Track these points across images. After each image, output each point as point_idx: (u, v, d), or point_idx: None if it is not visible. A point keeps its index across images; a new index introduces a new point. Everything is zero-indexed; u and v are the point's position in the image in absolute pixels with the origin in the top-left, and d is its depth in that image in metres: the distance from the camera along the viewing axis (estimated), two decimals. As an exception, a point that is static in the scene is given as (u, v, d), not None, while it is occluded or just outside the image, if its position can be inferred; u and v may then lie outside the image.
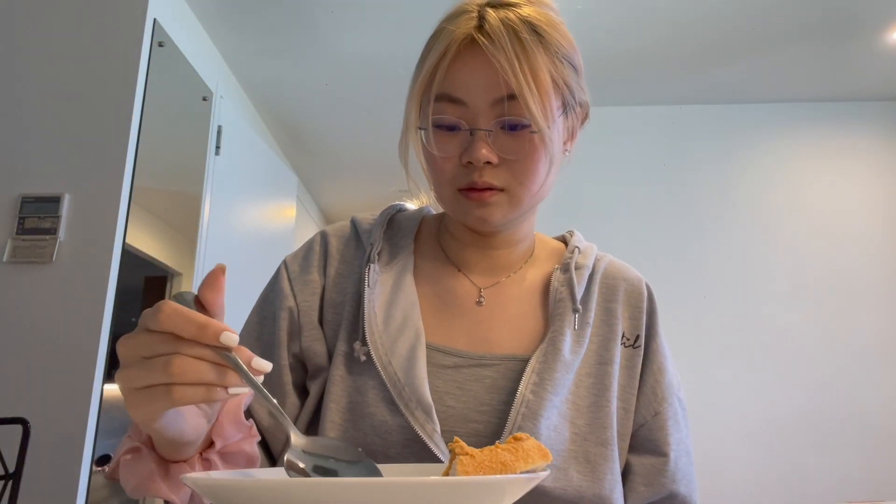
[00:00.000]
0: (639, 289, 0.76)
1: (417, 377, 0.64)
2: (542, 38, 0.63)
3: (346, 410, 0.66)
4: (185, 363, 0.42)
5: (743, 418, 2.93)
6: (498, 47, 0.61)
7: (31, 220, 1.97)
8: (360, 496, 0.36)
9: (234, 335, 0.42)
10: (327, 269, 0.74)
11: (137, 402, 0.44)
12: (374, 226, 0.76)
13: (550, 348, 0.67)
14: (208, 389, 0.43)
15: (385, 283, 0.71)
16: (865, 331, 2.99)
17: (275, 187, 3.35)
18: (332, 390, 0.67)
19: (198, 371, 0.42)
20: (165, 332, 0.42)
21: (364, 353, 0.66)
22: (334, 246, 0.76)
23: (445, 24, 0.66)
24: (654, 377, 0.73)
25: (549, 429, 0.64)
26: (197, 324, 0.42)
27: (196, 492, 0.39)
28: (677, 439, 0.72)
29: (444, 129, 0.66)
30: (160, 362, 0.42)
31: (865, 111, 3.23)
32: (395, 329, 0.67)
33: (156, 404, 0.43)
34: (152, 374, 0.42)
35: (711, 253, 3.12)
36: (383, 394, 0.64)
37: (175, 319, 0.42)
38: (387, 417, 0.63)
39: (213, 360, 0.43)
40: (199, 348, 0.42)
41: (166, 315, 0.42)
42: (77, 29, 2.13)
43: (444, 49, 0.64)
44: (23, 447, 1.56)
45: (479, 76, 0.63)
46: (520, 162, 0.64)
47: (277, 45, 2.86)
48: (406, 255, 0.74)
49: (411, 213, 0.81)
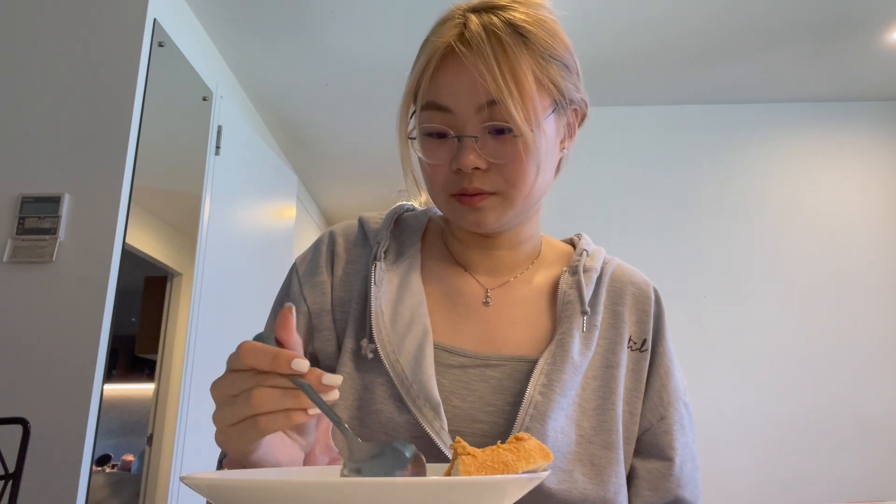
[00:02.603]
0: (646, 293, 0.76)
1: (425, 374, 0.64)
2: (526, 39, 0.63)
3: (355, 408, 0.66)
4: (264, 393, 0.45)
5: (742, 418, 2.93)
6: (476, 54, 0.62)
7: (31, 220, 1.97)
8: (361, 496, 0.36)
9: (304, 361, 0.45)
10: (335, 269, 0.75)
11: (230, 438, 0.47)
12: (381, 225, 0.77)
13: (559, 349, 0.67)
14: (287, 414, 0.46)
15: (392, 282, 0.71)
16: (865, 331, 2.99)
17: (275, 187, 3.35)
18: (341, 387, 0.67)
19: (277, 399, 0.45)
20: (246, 370, 0.46)
21: (371, 351, 0.66)
22: (341, 245, 0.76)
23: (430, 33, 0.67)
24: (661, 381, 0.73)
25: (555, 430, 0.64)
26: (270, 355, 0.45)
27: (197, 492, 0.39)
28: (683, 444, 0.72)
29: (433, 136, 0.66)
30: (243, 397, 0.46)
31: (865, 111, 3.23)
32: (402, 327, 0.67)
33: (245, 436, 0.46)
34: (238, 409, 0.46)
35: (711, 253, 3.12)
36: (391, 391, 0.65)
37: (252, 354, 0.46)
38: (394, 414, 0.64)
39: (289, 386, 0.46)
40: (275, 378, 0.46)
41: (245, 352, 0.46)
42: (77, 29, 2.13)
43: (426, 59, 0.65)
44: (23, 447, 1.56)
45: (463, 83, 0.63)
46: (508, 165, 0.64)
47: (277, 45, 2.86)
48: (413, 254, 0.74)
49: (418, 212, 0.81)
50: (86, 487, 1.83)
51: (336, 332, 0.72)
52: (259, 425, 0.45)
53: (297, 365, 0.45)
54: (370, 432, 0.64)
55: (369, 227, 0.77)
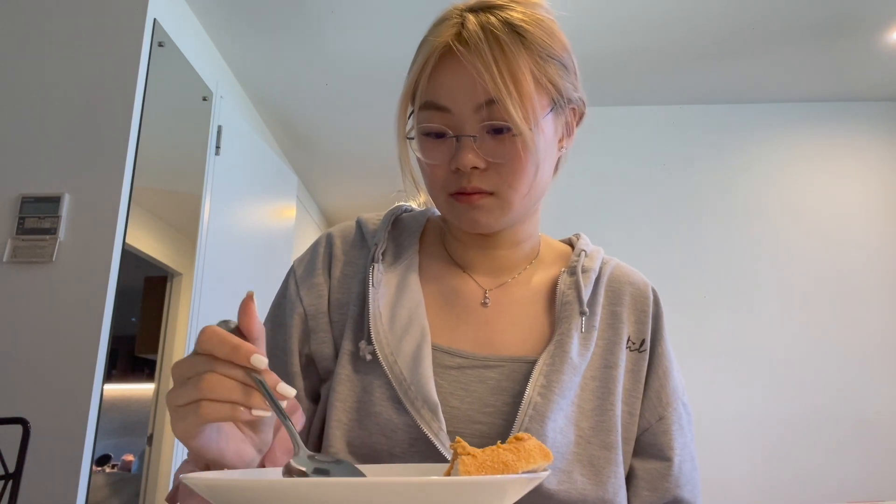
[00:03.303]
0: (644, 293, 0.76)
1: (423, 376, 0.64)
2: (523, 39, 0.63)
3: (353, 410, 0.66)
4: (215, 380, 0.45)
5: (742, 419, 2.93)
6: (474, 53, 0.62)
7: (31, 220, 1.97)
8: (361, 496, 0.36)
9: (264, 358, 0.45)
10: (332, 271, 0.74)
11: (176, 418, 0.47)
12: (378, 226, 0.76)
13: (558, 350, 0.67)
14: (233, 408, 0.45)
15: (390, 283, 0.71)
16: (866, 331, 2.99)
17: (275, 187, 3.35)
18: (338, 389, 0.67)
19: (226, 389, 0.45)
20: (205, 354, 0.46)
21: (370, 353, 0.66)
22: (339, 247, 0.76)
23: (428, 33, 0.67)
24: (660, 381, 0.73)
25: (555, 431, 0.64)
26: (230, 345, 0.45)
27: (197, 491, 0.39)
28: (681, 444, 0.72)
29: (431, 136, 0.66)
30: (194, 380, 0.45)
31: (865, 111, 3.23)
32: (400, 328, 0.67)
33: (188, 420, 0.46)
34: (187, 391, 0.45)
35: (711, 253, 3.12)
36: (389, 393, 0.64)
37: (213, 340, 0.46)
38: (392, 416, 0.64)
39: (243, 380, 0.46)
40: (231, 368, 0.45)
41: (207, 337, 0.46)
42: (77, 29, 2.13)
43: (424, 59, 0.65)
44: (23, 447, 1.56)
45: (461, 83, 0.63)
46: (506, 165, 0.64)
47: (277, 45, 2.86)
48: (411, 255, 0.74)
49: (416, 213, 0.81)
50: (86, 487, 1.83)
51: (333, 334, 0.71)
52: (201, 410, 0.45)
53: (255, 361, 0.45)
54: (368, 434, 0.64)
55: (367, 228, 0.77)
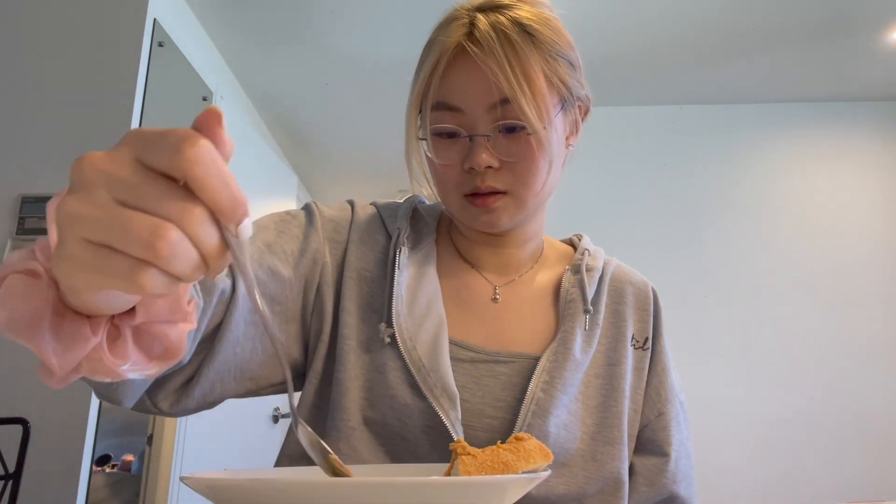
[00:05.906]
0: (645, 292, 0.78)
1: (443, 365, 0.64)
2: (534, 38, 0.64)
3: (364, 388, 0.66)
4: (181, 246, 0.29)
5: (742, 418, 2.93)
6: (488, 53, 0.62)
7: (31, 220, 1.97)
8: (362, 496, 0.36)
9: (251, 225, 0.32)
10: (351, 235, 0.74)
11: (80, 260, 0.29)
12: (398, 211, 0.76)
13: (561, 347, 0.68)
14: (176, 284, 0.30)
15: (410, 268, 0.71)
16: (866, 331, 2.99)
17: (275, 187, 3.35)
18: (347, 367, 0.66)
19: (189, 261, 0.29)
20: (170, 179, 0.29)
21: (389, 335, 0.66)
22: (362, 219, 0.76)
23: (437, 32, 0.67)
24: (659, 378, 0.74)
25: (557, 426, 0.65)
26: (231, 192, 0.29)
27: (197, 491, 0.39)
28: (679, 440, 0.73)
29: (443, 136, 0.66)
30: (146, 227, 0.28)
31: (865, 111, 3.23)
32: (419, 314, 0.68)
33: (108, 281, 0.29)
34: (125, 237, 0.28)
35: (711, 253, 3.12)
36: (406, 376, 0.65)
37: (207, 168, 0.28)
38: (409, 400, 0.64)
39: (211, 252, 0.30)
40: (210, 227, 0.30)
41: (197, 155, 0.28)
42: (77, 29, 2.13)
43: (436, 59, 0.65)
44: (23, 447, 1.56)
45: (473, 82, 0.63)
46: (520, 163, 0.65)
47: (277, 45, 2.86)
48: (429, 245, 0.75)
49: (430, 206, 0.81)
50: (86, 487, 1.83)
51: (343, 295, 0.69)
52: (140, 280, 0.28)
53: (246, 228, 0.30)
54: (380, 415, 0.64)
55: (386, 213, 0.77)
